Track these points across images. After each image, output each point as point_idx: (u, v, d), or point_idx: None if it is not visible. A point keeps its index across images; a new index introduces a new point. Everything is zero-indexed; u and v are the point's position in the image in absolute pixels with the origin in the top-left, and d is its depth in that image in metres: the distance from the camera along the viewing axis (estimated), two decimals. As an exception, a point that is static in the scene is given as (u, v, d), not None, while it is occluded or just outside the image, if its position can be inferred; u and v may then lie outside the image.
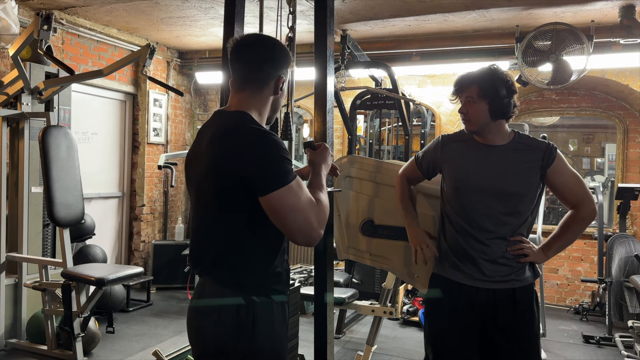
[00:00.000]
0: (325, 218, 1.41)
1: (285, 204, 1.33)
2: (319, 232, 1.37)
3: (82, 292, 3.17)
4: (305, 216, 1.35)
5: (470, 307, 1.91)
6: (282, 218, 1.34)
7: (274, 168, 1.34)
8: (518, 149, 1.93)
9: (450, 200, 1.98)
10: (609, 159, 6.03)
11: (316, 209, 1.38)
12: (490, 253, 1.90)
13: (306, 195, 1.38)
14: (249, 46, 1.50)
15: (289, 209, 1.33)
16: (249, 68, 1.50)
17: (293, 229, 1.35)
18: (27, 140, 3.65)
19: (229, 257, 1.43)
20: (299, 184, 1.37)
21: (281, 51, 1.53)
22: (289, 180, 1.34)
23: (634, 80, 4.75)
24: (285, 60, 1.53)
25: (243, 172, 1.34)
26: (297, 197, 1.34)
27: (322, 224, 1.39)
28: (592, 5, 4.00)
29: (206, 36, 5.36)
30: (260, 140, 1.36)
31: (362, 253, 2.58)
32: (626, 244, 4.44)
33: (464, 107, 1.94)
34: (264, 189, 1.33)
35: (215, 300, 1.42)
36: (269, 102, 1.53)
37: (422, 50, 5.02)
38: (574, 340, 4.32)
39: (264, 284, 1.45)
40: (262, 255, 1.45)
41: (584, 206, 1.94)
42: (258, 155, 1.34)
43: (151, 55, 3.39)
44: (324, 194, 1.47)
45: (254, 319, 1.41)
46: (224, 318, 1.41)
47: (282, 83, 1.52)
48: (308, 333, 2.75)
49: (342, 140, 5.86)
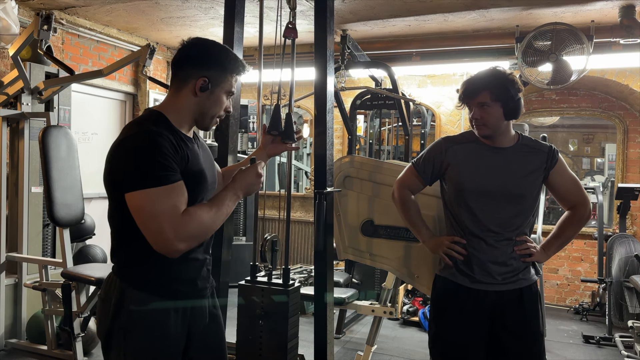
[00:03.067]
0: (190, 233, 1.34)
1: (141, 206, 1.32)
2: (175, 244, 1.31)
3: (82, 292, 3.17)
4: (158, 224, 1.30)
5: (478, 309, 1.92)
6: (138, 219, 1.33)
7: (141, 169, 1.32)
8: (523, 151, 1.96)
9: (457, 203, 1.97)
10: (609, 159, 6.04)
11: (177, 221, 1.31)
12: (499, 255, 1.91)
13: (168, 204, 1.31)
14: (183, 47, 1.49)
15: (143, 212, 1.32)
16: (175, 66, 1.49)
17: (146, 233, 1.33)
18: (27, 140, 3.65)
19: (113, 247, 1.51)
20: (167, 191, 1.32)
21: (211, 52, 1.49)
22: (153, 184, 1.31)
23: (634, 80, 4.75)
24: (214, 62, 1.47)
25: (117, 166, 1.38)
26: (156, 203, 1.30)
27: (181, 238, 1.32)
28: (592, 5, 4.00)
29: (206, 36, 5.33)
30: (139, 140, 1.36)
31: (362, 253, 2.58)
32: (626, 244, 4.44)
33: (477, 112, 1.91)
34: (126, 186, 1.33)
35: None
36: (188, 103, 1.47)
37: (422, 50, 5.02)
38: (574, 340, 4.32)
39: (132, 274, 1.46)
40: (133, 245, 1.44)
41: (581, 208, 2.00)
42: (131, 153, 1.35)
43: (151, 55, 3.39)
44: (210, 210, 1.39)
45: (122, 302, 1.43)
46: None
47: (202, 84, 1.45)
48: (308, 333, 2.74)
49: (342, 140, 5.85)
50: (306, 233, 5.80)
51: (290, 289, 2.27)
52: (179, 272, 1.48)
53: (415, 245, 2.39)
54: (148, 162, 1.33)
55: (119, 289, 1.44)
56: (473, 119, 1.93)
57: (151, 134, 1.36)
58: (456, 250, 1.95)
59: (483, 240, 1.92)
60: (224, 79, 1.49)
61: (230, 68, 1.49)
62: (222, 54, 1.49)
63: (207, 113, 1.50)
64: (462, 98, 1.95)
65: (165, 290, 1.46)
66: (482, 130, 1.93)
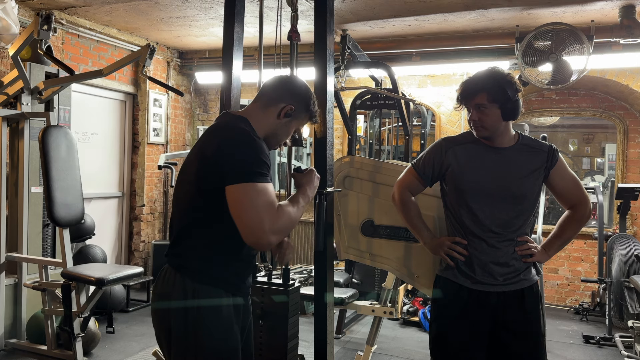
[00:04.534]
0: (282, 227, 1.43)
1: (244, 198, 1.40)
2: (269, 236, 1.40)
3: (82, 292, 3.17)
4: (259, 216, 1.39)
5: (480, 310, 1.92)
6: (238, 210, 1.40)
7: (246, 163, 1.42)
8: (523, 151, 1.95)
9: (458, 204, 1.96)
10: (609, 159, 6.04)
11: (273, 214, 1.41)
12: (500, 256, 1.91)
13: (268, 199, 1.42)
14: (283, 77, 1.71)
15: (246, 204, 1.40)
16: (270, 87, 1.67)
17: (245, 224, 1.40)
18: (27, 140, 3.65)
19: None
20: (265, 188, 1.42)
21: (305, 91, 1.67)
22: (257, 180, 1.41)
23: (634, 80, 4.75)
24: (304, 100, 1.65)
25: (219, 158, 1.44)
26: (257, 196, 1.40)
27: (275, 230, 1.41)
28: (592, 5, 4.00)
29: (206, 36, 5.36)
30: (243, 137, 1.48)
31: (362, 253, 2.58)
32: (626, 244, 4.44)
33: (474, 114, 1.90)
34: (231, 178, 1.41)
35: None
36: (269, 121, 1.62)
37: (422, 50, 5.02)
38: (574, 340, 4.32)
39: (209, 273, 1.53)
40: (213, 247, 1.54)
41: (581, 207, 2.00)
42: (236, 147, 1.45)
43: (151, 55, 3.39)
44: (293, 208, 1.51)
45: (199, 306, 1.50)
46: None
47: (288, 111, 1.61)
48: (308, 333, 2.75)
49: (342, 140, 5.85)
50: (306, 233, 5.81)
51: (290, 289, 2.27)
52: (239, 268, 1.60)
53: (415, 245, 2.39)
54: (253, 159, 1.43)
55: (182, 284, 1.51)
56: (471, 121, 1.92)
57: (251, 134, 1.50)
58: (457, 251, 1.95)
59: (484, 241, 1.91)
60: (303, 116, 1.67)
61: (311, 112, 1.68)
62: (312, 98, 1.68)
63: (278, 135, 1.65)
64: (460, 100, 1.94)
65: (228, 285, 1.56)
66: (480, 132, 1.93)
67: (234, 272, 1.58)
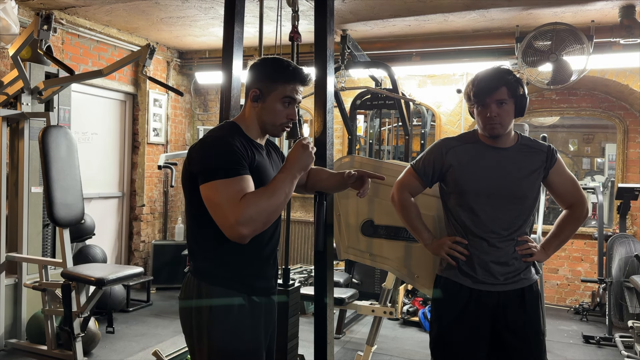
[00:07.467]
0: (250, 216, 1.38)
1: (210, 197, 1.43)
2: (238, 229, 1.38)
3: (82, 292, 3.16)
4: (222, 211, 1.40)
5: (480, 309, 1.92)
6: (209, 209, 1.44)
7: (208, 163, 1.45)
8: (523, 151, 1.95)
9: (458, 205, 1.96)
10: (609, 159, 6.03)
11: (236, 206, 1.38)
12: (501, 255, 1.91)
13: (230, 192, 1.40)
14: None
15: (212, 202, 1.43)
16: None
17: (217, 222, 1.43)
18: (27, 140, 3.65)
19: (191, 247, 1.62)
20: (228, 182, 1.41)
21: (263, 66, 1.60)
22: (219, 177, 1.42)
23: (634, 80, 4.75)
24: (264, 75, 1.59)
25: (190, 165, 1.51)
26: (219, 193, 1.41)
27: (242, 222, 1.38)
28: (592, 5, 4.00)
29: (206, 36, 5.36)
30: (207, 140, 1.52)
31: (362, 253, 2.58)
32: (626, 244, 4.43)
33: (494, 110, 1.83)
34: (200, 180, 1.45)
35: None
36: (251, 113, 1.61)
37: (422, 50, 5.02)
38: (574, 340, 4.32)
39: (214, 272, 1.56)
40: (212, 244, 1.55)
41: (579, 207, 2.01)
42: (201, 150, 1.50)
43: (151, 55, 3.39)
44: (267, 192, 1.44)
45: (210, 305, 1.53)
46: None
47: (253, 95, 1.58)
48: (308, 333, 2.74)
49: (342, 140, 5.85)
50: (306, 233, 5.81)
51: (290, 289, 2.27)
52: (251, 268, 1.59)
53: (415, 245, 2.38)
54: (214, 157, 1.46)
55: (197, 287, 1.55)
56: (489, 118, 1.85)
57: (220, 137, 1.52)
58: (459, 251, 1.94)
59: (485, 240, 1.91)
60: (273, 89, 1.57)
61: (278, 78, 1.57)
62: (272, 66, 1.59)
63: (266, 121, 1.60)
64: (477, 95, 1.86)
65: (241, 285, 1.56)
66: (497, 130, 1.87)
67: (247, 271, 1.58)
